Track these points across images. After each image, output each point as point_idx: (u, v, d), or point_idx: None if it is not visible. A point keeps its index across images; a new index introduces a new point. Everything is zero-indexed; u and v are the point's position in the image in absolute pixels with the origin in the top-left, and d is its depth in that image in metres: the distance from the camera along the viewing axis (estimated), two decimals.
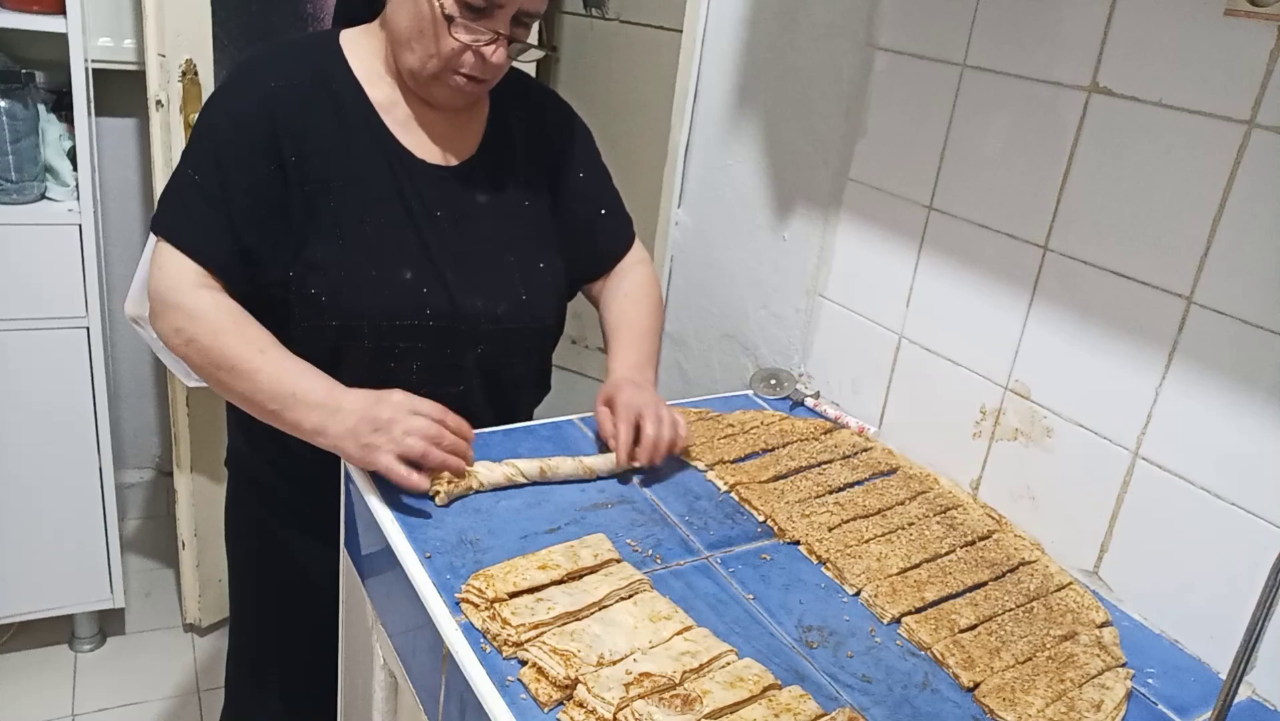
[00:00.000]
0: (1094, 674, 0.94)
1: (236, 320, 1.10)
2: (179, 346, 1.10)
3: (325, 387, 1.08)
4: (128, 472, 2.59)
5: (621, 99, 2.45)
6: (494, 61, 1.11)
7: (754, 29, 1.56)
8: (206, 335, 1.08)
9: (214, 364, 1.09)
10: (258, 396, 1.08)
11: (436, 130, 1.20)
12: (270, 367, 1.08)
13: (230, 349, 1.08)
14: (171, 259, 1.11)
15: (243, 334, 1.09)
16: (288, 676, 1.40)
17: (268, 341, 1.09)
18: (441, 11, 1.08)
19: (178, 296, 1.10)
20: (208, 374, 1.11)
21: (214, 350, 1.08)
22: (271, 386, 1.07)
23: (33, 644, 2.15)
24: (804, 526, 1.11)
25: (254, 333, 1.10)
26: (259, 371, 1.07)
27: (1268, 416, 0.94)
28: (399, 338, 1.16)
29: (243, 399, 1.10)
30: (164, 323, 1.11)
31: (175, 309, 1.10)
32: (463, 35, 1.09)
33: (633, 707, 0.79)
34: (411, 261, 1.16)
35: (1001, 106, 1.17)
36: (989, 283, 1.21)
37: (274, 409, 1.07)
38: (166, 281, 1.11)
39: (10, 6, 1.73)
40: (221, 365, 1.08)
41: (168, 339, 1.12)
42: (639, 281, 1.36)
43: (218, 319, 1.09)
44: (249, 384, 1.08)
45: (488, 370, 1.24)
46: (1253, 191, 0.93)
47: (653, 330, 1.32)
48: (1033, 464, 1.17)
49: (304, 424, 1.06)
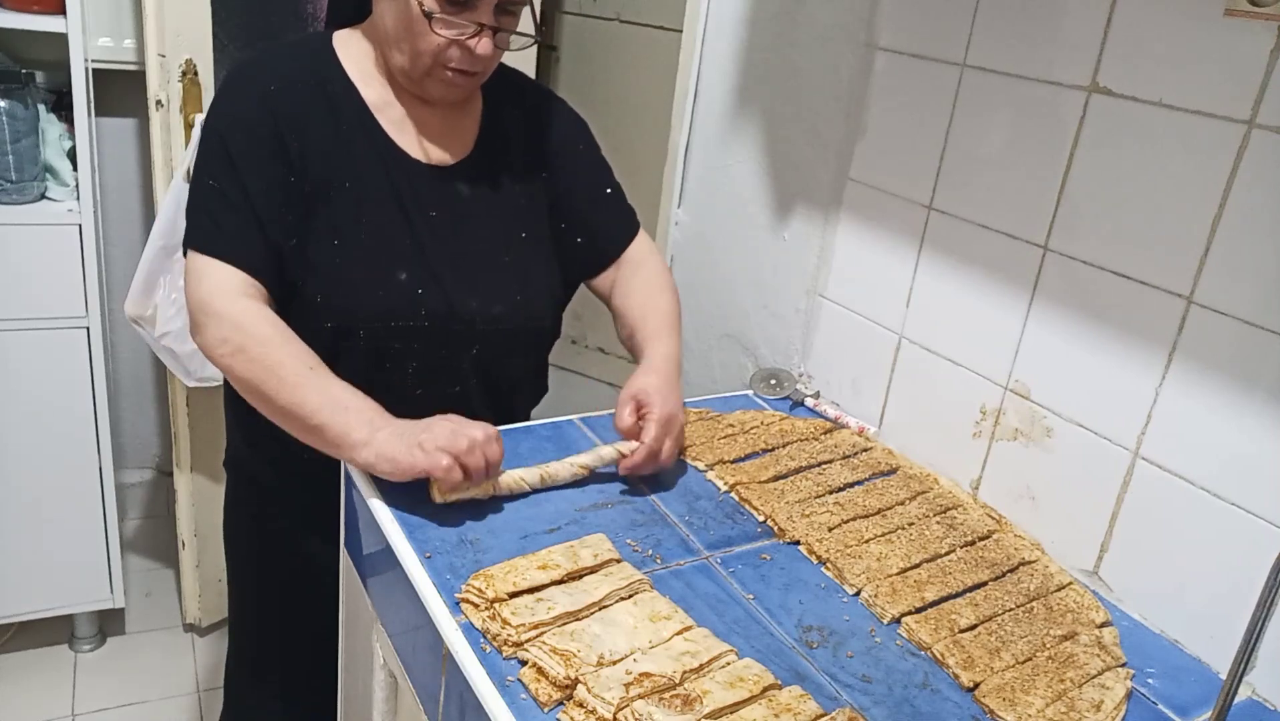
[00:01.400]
0: (1094, 674, 0.94)
1: (282, 332, 1.08)
2: (224, 356, 1.08)
3: (375, 408, 1.06)
4: (128, 472, 2.59)
5: (621, 99, 2.45)
6: (480, 53, 1.11)
7: (754, 29, 1.56)
8: (256, 345, 1.06)
9: (262, 376, 1.06)
10: (304, 410, 1.05)
11: (431, 130, 1.20)
12: (318, 381, 1.06)
13: (281, 361, 1.06)
14: (209, 269, 1.09)
15: (290, 346, 1.08)
16: (288, 676, 1.40)
17: (314, 358, 1.08)
18: (421, 8, 1.07)
19: (221, 305, 1.07)
20: (251, 384, 1.08)
21: (264, 362, 1.06)
22: (319, 400, 1.04)
23: (33, 644, 2.15)
24: (804, 526, 1.11)
25: (300, 346, 1.08)
26: (308, 385, 1.05)
27: (1268, 416, 0.94)
28: (395, 338, 1.16)
29: (284, 411, 1.06)
30: (209, 334, 1.08)
31: (219, 319, 1.07)
32: (444, 30, 1.09)
33: (633, 707, 0.79)
34: (407, 262, 1.16)
35: (1001, 106, 1.17)
36: (989, 283, 1.21)
37: (319, 422, 1.04)
38: (207, 292, 1.09)
39: (10, 6, 1.73)
40: (270, 377, 1.06)
41: (212, 349, 1.09)
42: (657, 272, 1.34)
43: (266, 330, 1.07)
44: (296, 397, 1.05)
45: (484, 371, 1.24)
46: (1253, 191, 0.93)
47: (679, 319, 1.31)
48: (1033, 464, 1.17)
49: (352, 435, 1.03)
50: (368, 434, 1.03)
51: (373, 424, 1.04)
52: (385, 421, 1.05)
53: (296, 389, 1.05)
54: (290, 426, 1.08)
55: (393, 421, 1.05)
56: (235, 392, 1.28)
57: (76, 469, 1.96)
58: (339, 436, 1.04)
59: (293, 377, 1.05)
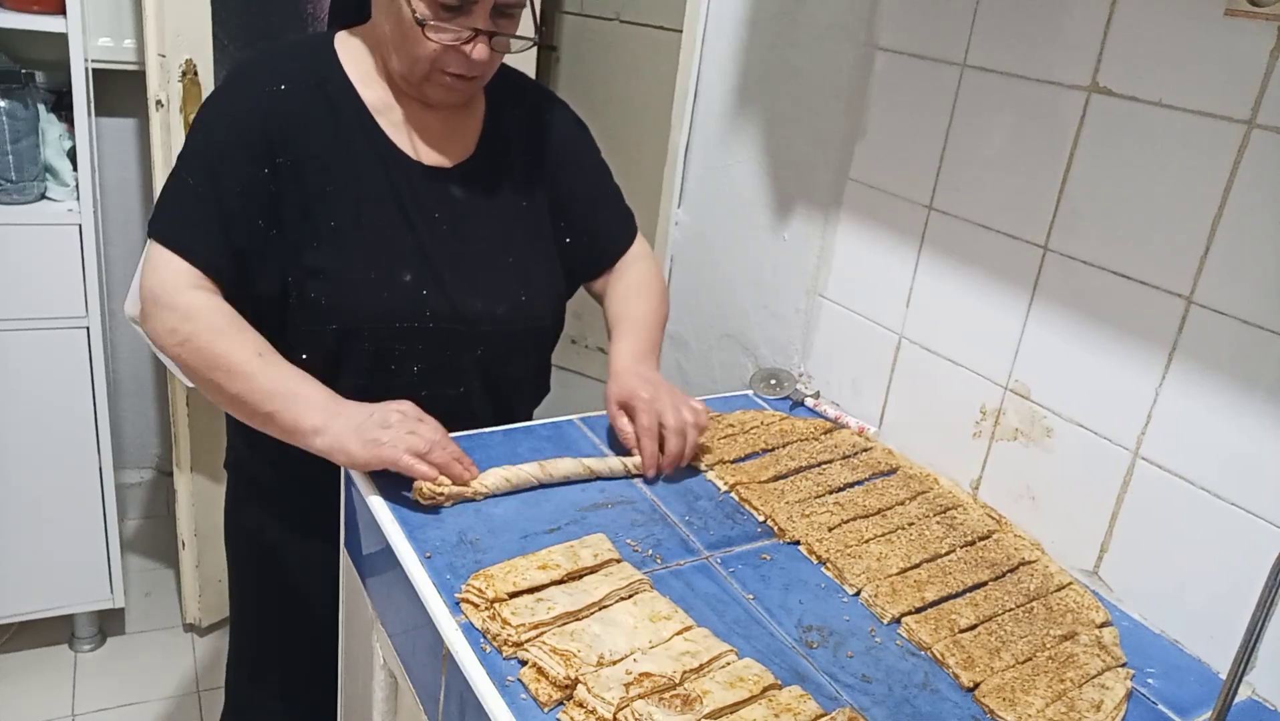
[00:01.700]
0: (1094, 674, 0.94)
1: (232, 322, 1.09)
2: (172, 347, 1.09)
3: (326, 393, 1.07)
4: (128, 472, 2.59)
5: (621, 99, 2.45)
6: (476, 58, 1.10)
7: (754, 29, 1.56)
8: (203, 335, 1.07)
9: (209, 364, 1.07)
10: (253, 397, 1.06)
11: (432, 132, 1.20)
12: (269, 369, 1.07)
13: (228, 349, 1.07)
14: (165, 259, 1.10)
15: (240, 335, 1.08)
16: (288, 676, 1.40)
17: (264, 345, 1.09)
18: (413, 16, 1.07)
19: (172, 296, 1.09)
20: (201, 375, 1.09)
21: (211, 350, 1.07)
22: (270, 386, 1.06)
23: (33, 644, 2.15)
24: (804, 526, 1.11)
25: (250, 335, 1.09)
26: (257, 373, 1.06)
27: (1268, 416, 0.94)
28: (399, 340, 1.16)
29: (235, 400, 1.08)
30: (157, 323, 1.10)
31: (169, 309, 1.09)
32: (438, 36, 1.08)
33: (633, 707, 0.79)
34: (410, 264, 1.16)
35: (1001, 106, 1.17)
36: (989, 283, 1.21)
37: (270, 410, 1.06)
38: (160, 282, 1.10)
39: (10, 6, 1.73)
40: (218, 366, 1.07)
41: (161, 339, 1.10)
42: (641, 274, 1.35)
43: (214, 320, 1.08)
44: (245, 384, 1.06)
45: (487, 371, 1.24)
46: (1253, 191, 0.93)
47: (654, 321, 1.31)
48: (1033, 464, 1.17)
49: (303, 422, 1.05)
50: (321, 420, 1.04)
51: (325, 409, 1.05)
52: (338, 408, 1.06)
53: (245, 377, 1.06)
54: (243, 415, 1.09)
55: (345, 408, 1.06)
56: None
57: (76, 469, 1.96)
58: (291, 423, 1.05)
59: (240, 366, 1.06)
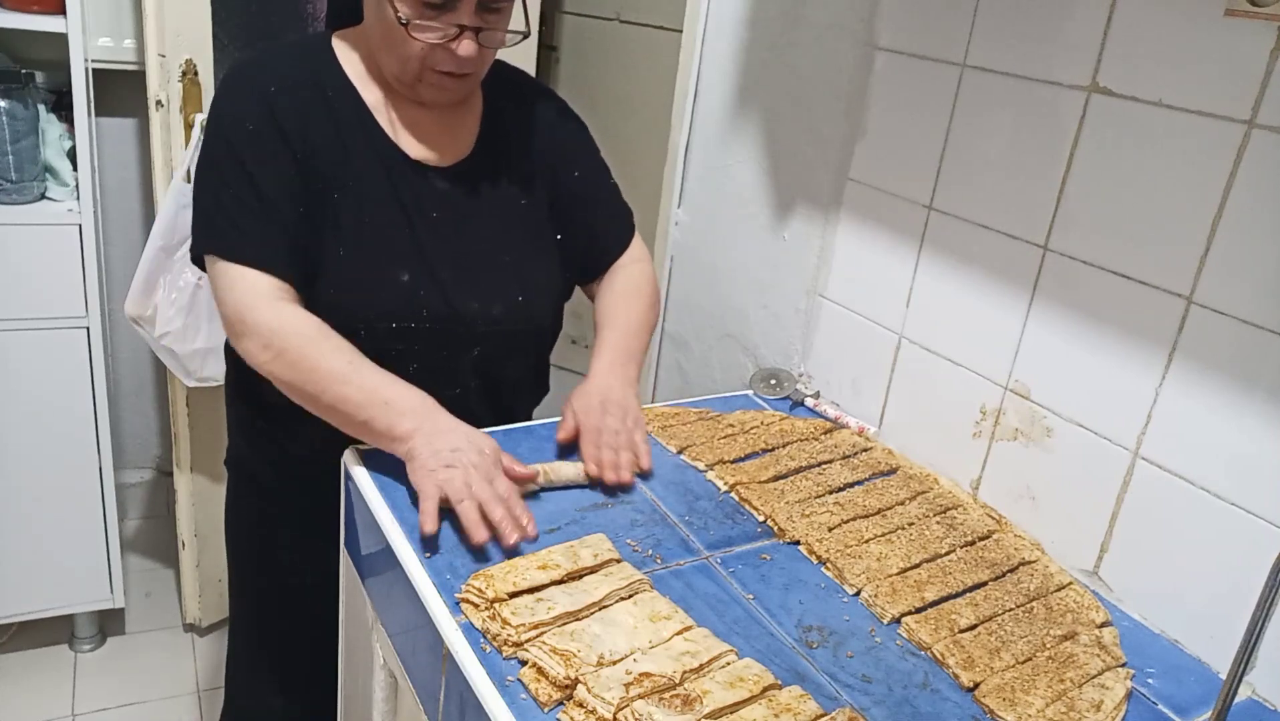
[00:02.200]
0: (1094, 674, 0.94)
1: (321, 330, 1.09)
2: (266, 363, 1.09)
3: (419, 397, 1.07)
4: (128, 472, 2.59)
5: (621, 99, 2.45)
6: (463, 54, 1.09)
7: (754, 29, 1.56)
8: (295, 347, 1.07)
9: (303, 376, 1.07)
10: (348, 405, 1.06)
11: (430, 131, 1.20)
12: (360, 377, 1.07)
13: (321, 359, 1.07)
14: (238, 277, 1.09)
15: (330, 343, 1.08)
16: (288, 676, 1.40)
17: (354, 352, 1.09)
18: (396, 16, 1.07)
19: (257, 314, 1.08)
20: (295, 385, 1.09)
21: (304, 362, 1.07)
22: (363, 395, 1.06)
23: (33, 644, 2.15)
24: (804, 526, 1.11)
25: (338, 342, 1.09)
26: (349, 381, 1.06)
27: (1268, 416, 0.94)
28: (395, 340, 1.16)
29: (331, 409, 1.07)
30: (249, 342, 1.09)
31: (257, 326, 1.08)
32: (423, 35, 1.08)
33: (633, 707, 0.79)
34: (408, 263, 1.16)
35: (1001, 107, 1.17)
36: (989, 283, 1.21)
37: (365, 417, 1.06)
38: (240, 301, 1.09)
39: (10, 6, 1.73)
40: (313, 375, 1.07)
41: (253, 357, 1.09)
42: (631, 278, 1.34)
43: (304, 331, 1.08)
44: (339, 392, 1.06)
45: (485, 372, 1.24)
46: (1253, 191, 0.93)
47: (639, 326, 1.30)
48: (1033, 464, 1.17)
49: (398, 428, 1.04)
50: (413, 427, 1.04)
51: (415, 415, 1.05)
52: (427, 418, 1.06)
53: (340, 385, 1.06)
54: (339, 423, 1.09)
55: (434, 421, 1.05)
56: (236, 393, 1.28)
57: (76, 469, 1.96)
58: (385, 430, 1.06)
59: (335, 375, 1.06)
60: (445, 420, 1.07)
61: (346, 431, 1.09)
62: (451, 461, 1.02)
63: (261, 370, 1.10)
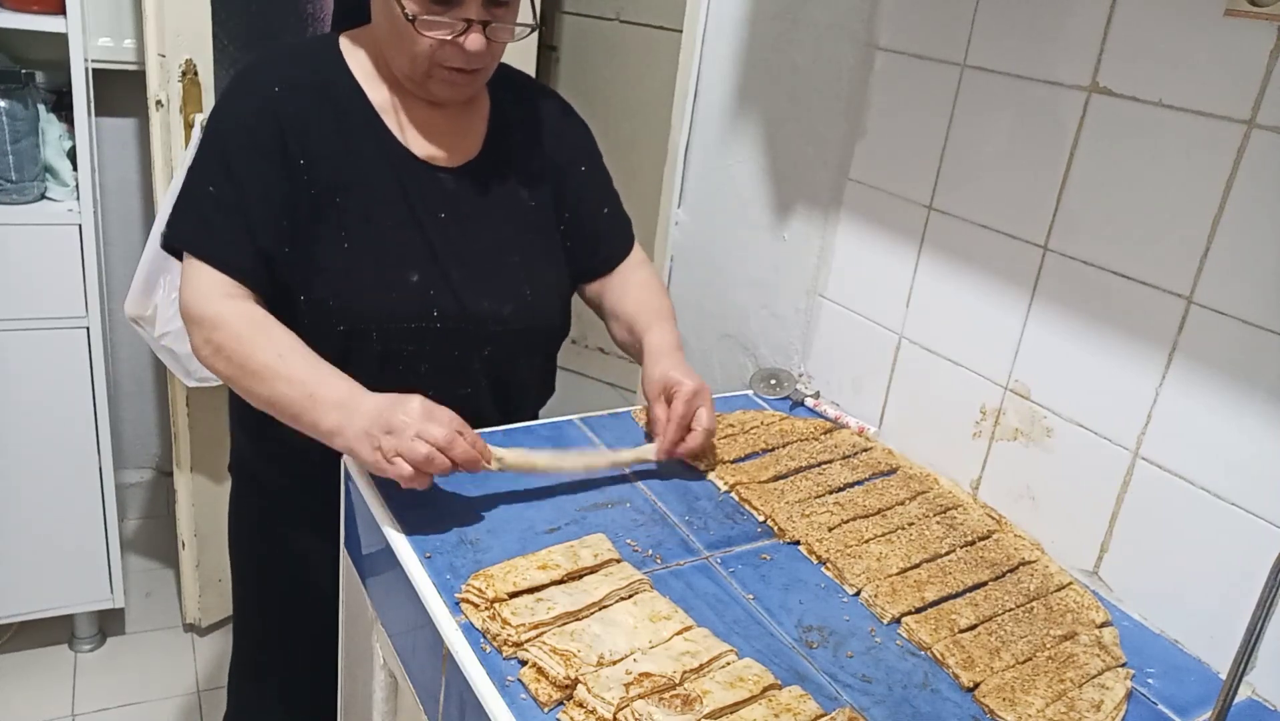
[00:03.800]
0: (1094, 674, 0.94)
1: (258, 325, 1.09)
2: (209, 357, 1.09)
3: (345, 389, 1.05)
4: (128, 472, 2.59)
5: (621, 99, 2.45)
6: (472, 50, 1.09)
7: (754, 29, 1.56)
8: (231, 342, 1.07)
9: (239, 370, 1.07)
10: (279, 401, 1.06)
11: (438, 131, 1.20)
12: (289, 371, 1.06)
13: (252, 354, 1.07)
14: (197, 272, 1.10)
15: (264, 337, 1.08)
16: (289, 676, 1.40)
17: (288, 345, 1.08)
18: (404, 13, 1.07)
19: (204, 308, 1.09)
20: (235, 381, 1.09)
21: (237, 356, 1.07)
22: (290, 389, 1.05)
23: (33, 644, 2.15)
24: (804, 526, 1.11)
25: (276, 335, 1.08)
26: (279, 376, 1.06)
27: (1268, 416, 0.94)
28: (407, 340, 1.16)
29: (267, 403, 1.08)
30: (194, 336, 1.11)
31: (202, 320, 1.09)
32: (431, 31, 1.08)
33: (633, 707, 0.79)
34: (418, 264, 1.16)
35: (1001, 106, 1.17)
36: (989, 283, 1.21)
37: (294, 412, 1.05)
38: (194, 295, 1.10)
39: (10, 6, 1.73)
40: (245, 370, 1.07)
41: (199, 351, 1.10)
42: (648, 276, 1.36)
43: (239, 325, 1.08)
44: (270, 388, 1.06)
45: (495, 371, 1.24)
46: (1253, 191, 0.93)
47: (673, 317, 1.31)
48: (1033, 464, 1.17)
49: (322, 424, 1.04)
50: (336, 422, 1.02)
51: (341, 408, 1.02)
52: (353, 406, 1.02)
53: (270, 381, 1.06)
54: (281, 418, 1.08)
55: (360, 406, 1.02)
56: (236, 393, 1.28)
57: (76, 469, 1.96)
58: (313, 426, 1.05)
59: (264, 370, 1.06)
60: (366, 399, 1.03)
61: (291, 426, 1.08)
62: (387, 427, 0.99)
63: (205, 366, 1.11)
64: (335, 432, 1.03)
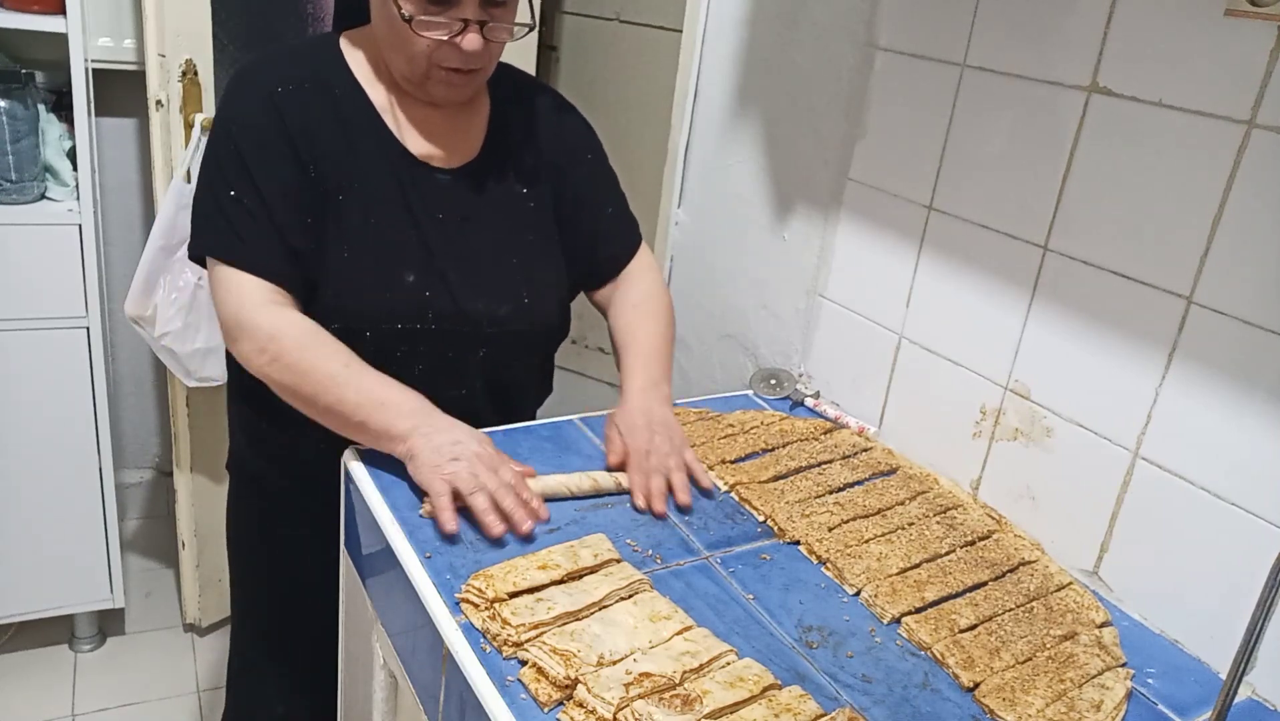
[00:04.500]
0: (1094, 674, 0.94)
1: (315, 335, 1.10)
2: (262, 366, 1.09)
3: (417, 400, 1.08)
4: (128, 472, 2.59)
5: (621, 99, 2.45)
6: (468, 49, 1.09)
7: (754, 29, 1.56)
8: (291, 351, 1.07)
9: (300, 380, 1.08)
10: (344, 408, 1.06)
11: (438, 131, 1.20)
12: (356, 379, 1.07)
13: (315, 363, 1.07)
14: (235, 281, 1.10)
15: (325, 347, 1.09)
16: (289, 676, 1.40)
17: (350, 355, 1.09)
18: (400, 13, 1.07)
19: (253, 317, 1.09)
20: (291, 388, 1.09)
21: (300, 365, 1.07)
22: (360, 396, 1.06)
23: (33, 644, 2.15)
24: (804, 526, 1.11)
25: (335, 346, 1.09)
26: (347, 384, 1.06)
27: (1268, 416, 0.94)
28: (402, 341, 1.16)
29: (328, 412, 1.08)
30: (244, 345, 1.10)
31: (252, 331, 1.09)
32: (428, 32, 1.08)
33: (633, 707, 0.79)
34: (414, 264, 1.16)
35: (1001, 106, 1.17)
36: (989, 283, 1.21)
37: (361, 419, 1.06)
38: (236, 304, 1.10)
39: (10, 6, 1.73)
40: (309, 379, 1.07)
41: (250, 360, 1.10)
42: (647, 290, 1.33)
43: (299, 335, 1.09)
44: (337, 395, 1.06)
45: (490, 372, 1.23)
46: (1253, 191, 0.93)
47: (664, 342, 1.30)
48: (1033, 464, 1.17)
49: (394, 428, 1.05)
50: (408, 427, 1.05)
51: (414, 416, 1.06)
52: (425, 418, 1.06)
53: (336, 389, 1.07)
54: (336, 425, 1.09)
55: (432, 421, 1.06)
56: (238, 393, 1.28)
57: (76, 469, 1.96)
58: (382, 430, 1.06)
59: (330, 378, 1.07)
60: (443, 419, 1.07)
61: (343, 434, 1.10)
62: (456, 455, 1.02)
63: (258, 374, 1.10)
64: (406, 437, 1.05)
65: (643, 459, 1.14)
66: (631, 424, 1.17)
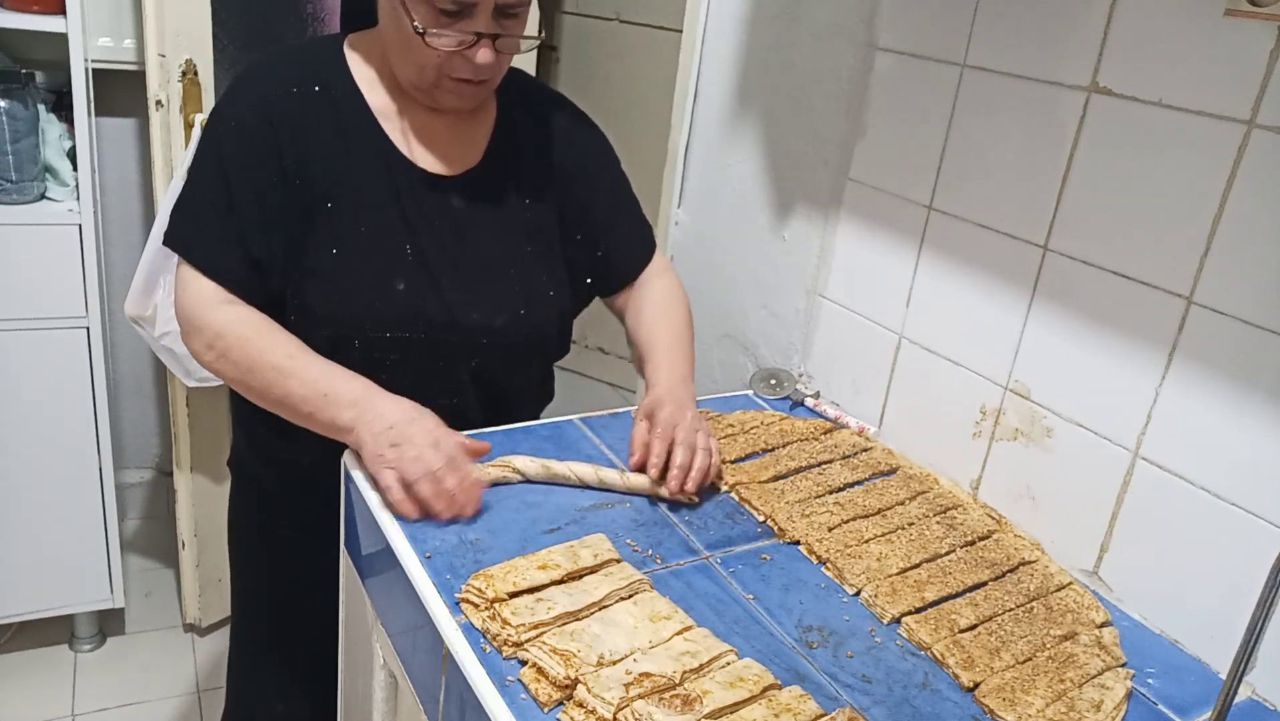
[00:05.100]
0: (1094, 674, 0.94)
1: (261, 328, 1.10)
2: (211, 362, 1.11)
3: (360, 387, 1.08)
4: (128, 472, 2.59)
5: (621, 99, 2.45)
6: (480, 62, 1.09)
7: (754, 29, 1.56)
8: (236, 347, 1.09)
9: (246, 372, 1.09)
10: (291, 399, 1.08)
11: (439, 138, 1.19)
12: (302, 370, 1.08)
13: (260, 356, 1.08)
14: (191, 277, 1.12)
15: (270, 340, 1.09)
16: (289, 676, 1.40)
17: (295, 346, 1.10)
18: (412, 24, 1.06)
19: (202, 315, 1.10)
20: (242, 384, 1.11)
21: (245, 360, 1.08)
22: (304, 388, 1.07)
23: (33, 644, 2.15)
24: (804, 526, 1.11)
25: (281, 338, 1.10)
26: (292, 375, 1.07)
27: (1268, 416, 0.94)
28: (391, 349, 1.15)
29: (278, 403, 1.09)
30: (194, 342, 1.12)
31: (202, 328, 1.10)
32: (439, 43, 1.07)
33: (633, 707, 0.79)
34: (406, 272, 1.15)
35: (1002, 107, 1.17)
36: (989, 283, 1.21)
37: (308, 410, 1.07)
38: (190, 301, 1.11)
39: (10, 6, 1.73)
40: (254, 372, 1.08)
41: (199, 356, 1.12)
42: (666, 291, 1.33)
43: (243, 330, 1.09)
44: (283, 388, 1.08)
45: (484, 382, 1.23)
46: (1253, 191, 0.93)
47: (685, 343, 1.29)
48: (1033, 464, 1.17)
49: (339, 420, 1.06)
50: (350, 419, 1.06)
51: (356, 406, 1.06)
52: (368, 405, 1.06)
53: (281, 381, 1.08)
54: (290, 417, 1.10)
55: (375, 407, 1.06)
56: (237, 393, 1.28)
57: (76, 469, 1.96)
58: (329, 422, 1.07)
59: (275, 371, 1.08)
60: (382, 402, 1.07)
61: (301, 424, 1.10)
62: (396, 440, 1.03)
63: (209, 370, 1.12)
64: (350, 429, 1.06)
65: (670, 430, 1.13)
66: (659, 401, 1.16)
